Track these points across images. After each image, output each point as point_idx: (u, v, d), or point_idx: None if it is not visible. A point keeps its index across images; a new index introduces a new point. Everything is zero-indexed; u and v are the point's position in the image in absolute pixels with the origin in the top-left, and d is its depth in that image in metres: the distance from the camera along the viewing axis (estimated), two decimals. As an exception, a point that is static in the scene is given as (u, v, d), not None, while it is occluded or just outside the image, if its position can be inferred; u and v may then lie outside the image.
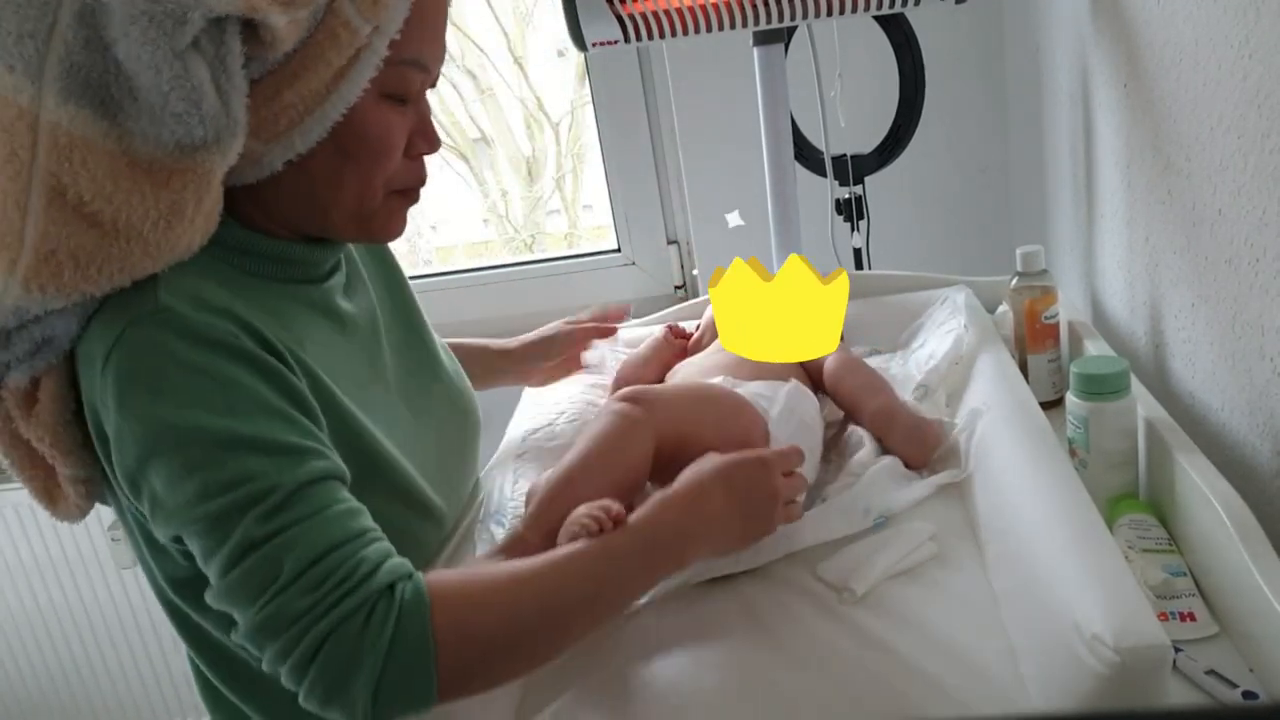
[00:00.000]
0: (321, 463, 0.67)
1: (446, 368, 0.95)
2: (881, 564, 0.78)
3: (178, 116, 0.63)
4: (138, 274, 0.67)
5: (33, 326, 0.67)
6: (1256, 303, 0.79)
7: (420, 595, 0.64)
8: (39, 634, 2.10)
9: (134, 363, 0.65)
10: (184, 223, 0.66)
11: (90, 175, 0.63)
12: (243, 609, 0.64)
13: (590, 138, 1.97)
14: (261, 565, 0.63)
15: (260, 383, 0.67)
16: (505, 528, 0.89)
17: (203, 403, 0.64)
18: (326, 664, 0.62)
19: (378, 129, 0.71)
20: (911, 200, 1.68)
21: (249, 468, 0.64)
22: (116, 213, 0.64)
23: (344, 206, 0.74)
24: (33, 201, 0.64)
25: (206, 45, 0.62)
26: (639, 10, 1.15)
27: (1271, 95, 0.73)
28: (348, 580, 0.63)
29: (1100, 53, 1.13)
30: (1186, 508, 0.79)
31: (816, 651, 0.71)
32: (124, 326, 0.65)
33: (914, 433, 0.93)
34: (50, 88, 0.62)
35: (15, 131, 0.63)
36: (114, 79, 0.63)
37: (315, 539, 0.64)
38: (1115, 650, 0.57)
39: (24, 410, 0.71)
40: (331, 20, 0.65)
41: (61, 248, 0.64)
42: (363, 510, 0.68)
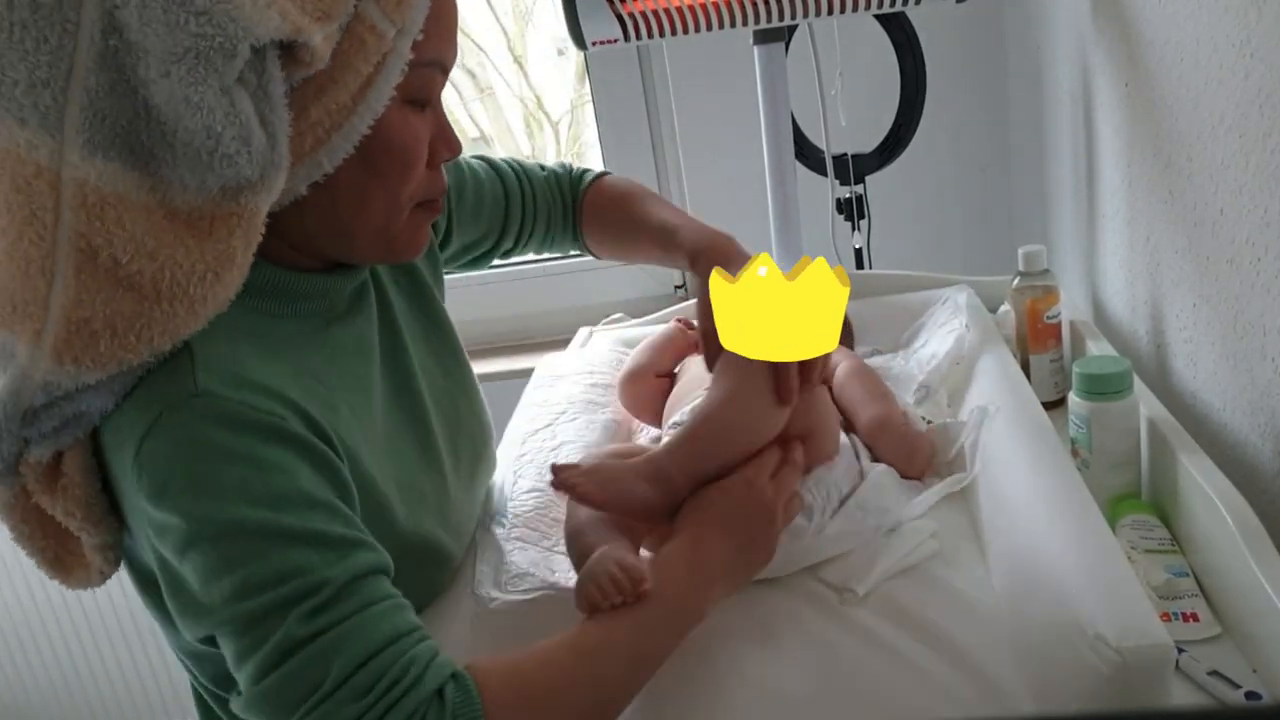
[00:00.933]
0: (369, 555, 0.63)
1: (470, 387, 0.92)
2: (883, 564, 0.78)
3: (229, 158, 0.57)
4: (180, 335, 0.61)
5: (63, 403, 0.61)
6: (1258, 302, 0.79)
7: (471, 697, 0.59)
8: (39, 634, 2.10)
9: (171, 452, 0.60)
10: (233, 272, 0.61)
11: (127, 234, 0.58)
12: (280, 718, 0.58)
13: (590, 137, 1.97)
14: (306, 667, 0.58)
15: (305, 468, 0.62)
16: (503, 526, 0.89)
17: (244, 493, 0.59)
18: None
19: (404, 137, 0.67)
20: (912, 200, 1.67)
21: (293, 562, 0.59)
22: (159, 271, 0.58)
23: (370, 225, 0.70)
24: (60, 266, 0.58)
25: (249, 76, 0.57)
26: (639, 9, 1.15)
27: (1273, 95, 0.73)
28: (397, 685, 0.58)
29: (1101, 52, 1.12)
30: (1189, 508, 0.79)
31: (817, 651, 0.71)
32: (159, 412, 0.60)
33: (903, 445, 0.92)
34: (73, 140, 0.56)
35: (34, 191, 0.57)
36: (145, 125, 0.57)
37: (363, 639, 0.59)
38: (1117, 650, 0.57)
39: (46, 485, 0.66)
40: (358, 27, 0.61)
41: (96, 315, 0.58)
42: (408, 605, 0.64)
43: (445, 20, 0.68)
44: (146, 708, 2.14)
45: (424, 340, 0.87)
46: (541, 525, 0.90)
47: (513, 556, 0.84)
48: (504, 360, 1.84)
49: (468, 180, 0.96)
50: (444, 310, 0.91)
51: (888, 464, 0.91)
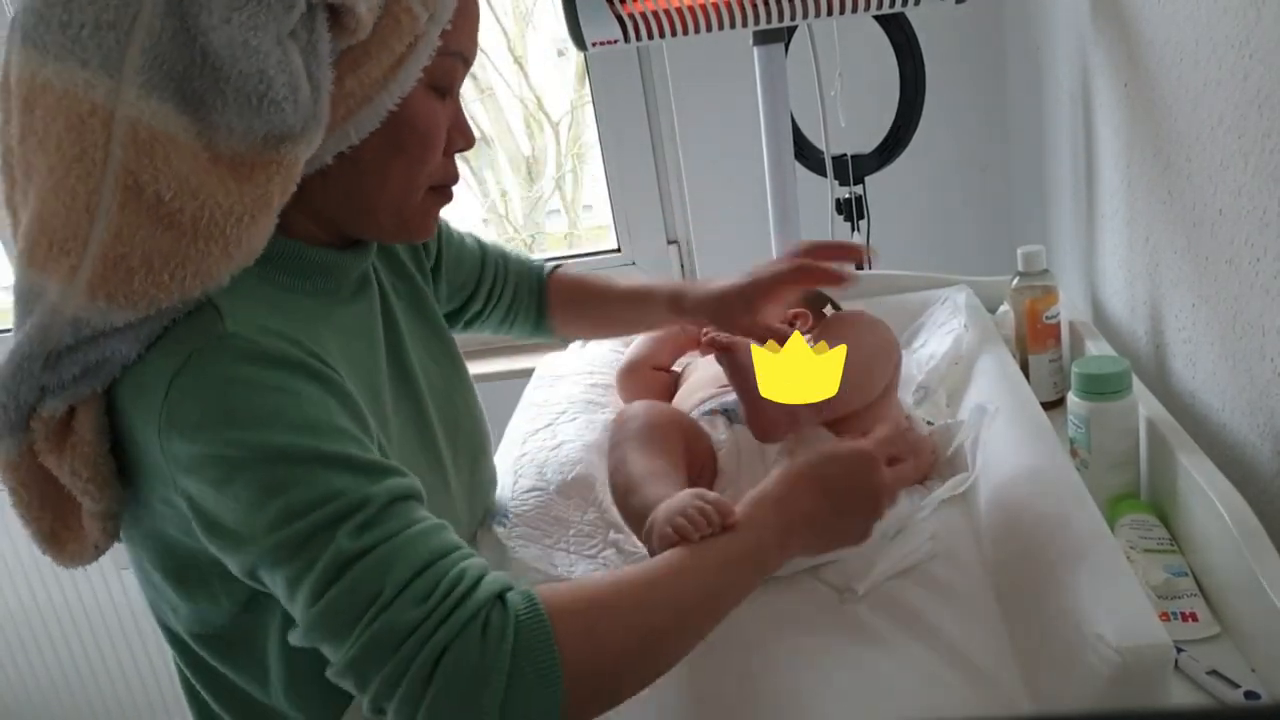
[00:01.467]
0: (404, 479, 0.64)
1: (467, 391, 0.93)
2: (882, 564, 0.78)
3: (276, 104, 0.60)
4: (209, 279, 0.63)
5: (88, 347, 0.62)
6: (1257, 303, 0.79)
7: (534, 602, 0.60)
8: (39, 634, 2.10)
9: (205, 387, 0.61)
10: (269, 217, 0.63)
11: (172, 171, 0.60)
12: (340, 636, 0.59)
13: (590, 138, 1.97)
14: (362, 580, 0.59)
15: (333, 401, 0.64)
16: (504, 526, 0.89)
17: (280, 420, 0.61)
18: (448, 682, 0.57)
19: (426, 120, 0.70)
20: (912, 200, 1.68)
21: (335, 485, 0.60)
22: (200, 210, 0.61)
23: (389, 201, 0.72)
24: (104, 202, 0.60)
25: (301, 32, 0.61)
26: (639, 10, 1.15)
27: (1272, 95, 0.73)
28: (456, 589, 0.59)
29: (1100, 52, 1.13)
30: (1188, 508, 0.79)
31: (817, 651, 0.71)
32: (189, 353, 0.62)
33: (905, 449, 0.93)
34: (132, 80, 0.59)
35: (87, 129, 0.59)
36: (199, 71, 0.60)
37: (415, 552, 0.60)
38: (1117, 650, 0.57)
39: (55, 443, 0.66)
40: (395, 7, 0.64)
41: (134, 251, 0.60)
42: (448, 526, 0.65)
43: (471, 16, 0.72)
44: (147, 708, 2.15)
45: (423, 342, 0.88)
46: (542, 524, 0.90)
47: (515, 554, 0.84)
48: (504, 360, 1.84)
49: (452, 233, 1.01)
50: (440, 317, 0.93)
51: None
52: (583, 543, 0.89)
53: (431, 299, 0.92)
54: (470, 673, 0.57)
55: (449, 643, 0.58)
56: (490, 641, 0.58)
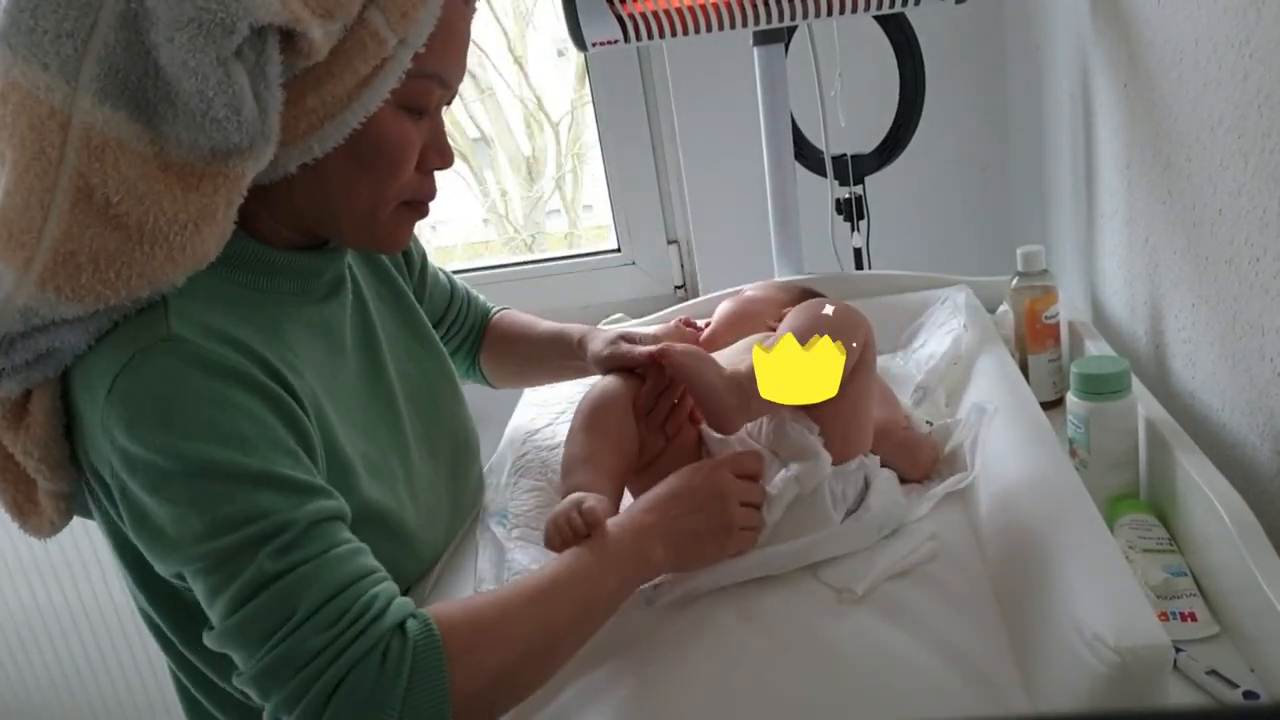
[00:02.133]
0: (329, 502, 0.67)
1: (453, 395, 0.95)
2: (881, 564, 0.78)
3: (218, 122, 0.62)
4: (156, 282, 0.65)
5: (39, 335, 0.65)
6: (1257, 303, 0.79)
7: (431, 630, 0.64)
8: (39, 634, 2.10)
9: (144, 390, 0.63)
10: (213, 226, 0.66)
11: (121, 176, 0.63)
12: (250, 649, 0.62)
13: (590, 138, 1.97)
14: (276, 601, 0.62)
15: (270, 415, 0.67)
16: (504, 526, 0.89)
17: (213, 434, 0.63)
18: (344, 706, 0.60)
19: (394, 139, 0.71)
20: (911, 200, 1.67)
21: (262, 504, 0.63)
22: (145, 215, 0.63)
23: (355, 213, 0.74)
24: (57, 201, 0.62)
25: (248, 54, 0.62)
26: (639, 10, 1.15)
27: (1272, 95, 0.73)
28: (362, 618, 0.63)
29: (1100, 52, 1.13)
30: (1187, 508, 0.79)
31: (816, 651, 0.71)
32: (133, 352, 0.64)
33: (905, 449, 0.92)
34: (87, 88, 0.61)
35: (46, 130, 0.62)
36: (153, 83, 0.62)
37: (331, 576, 0.63)
38: (1115, 650, 0.57)
39: (11, 422, 0.70)
40: (361, 30, 0.66)
41: (83, 249, 0.63)
42: (367, 550, 0.68)
43: (454, 41, 0.73)
44: (147, 707, 2.15)
45: (404, 346, 0.90)
46: (542, 523, 0.90)
47: (514, 555, 0.84)
48: (504, 360, 1.84)
49: (429, 264, 1.06)
50: (428, 324, 0.96)
51: (890, 467, 0.91)
52: (583, 542, 0.89)
53: (417, 307, 0.95)
54: (367, 698, 0.61)
55: (350, 669, 0.61)
56: (389, 670, 0.61)
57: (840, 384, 0.82)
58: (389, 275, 0.93)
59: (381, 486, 0.79)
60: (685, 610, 0.78)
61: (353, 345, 0.83)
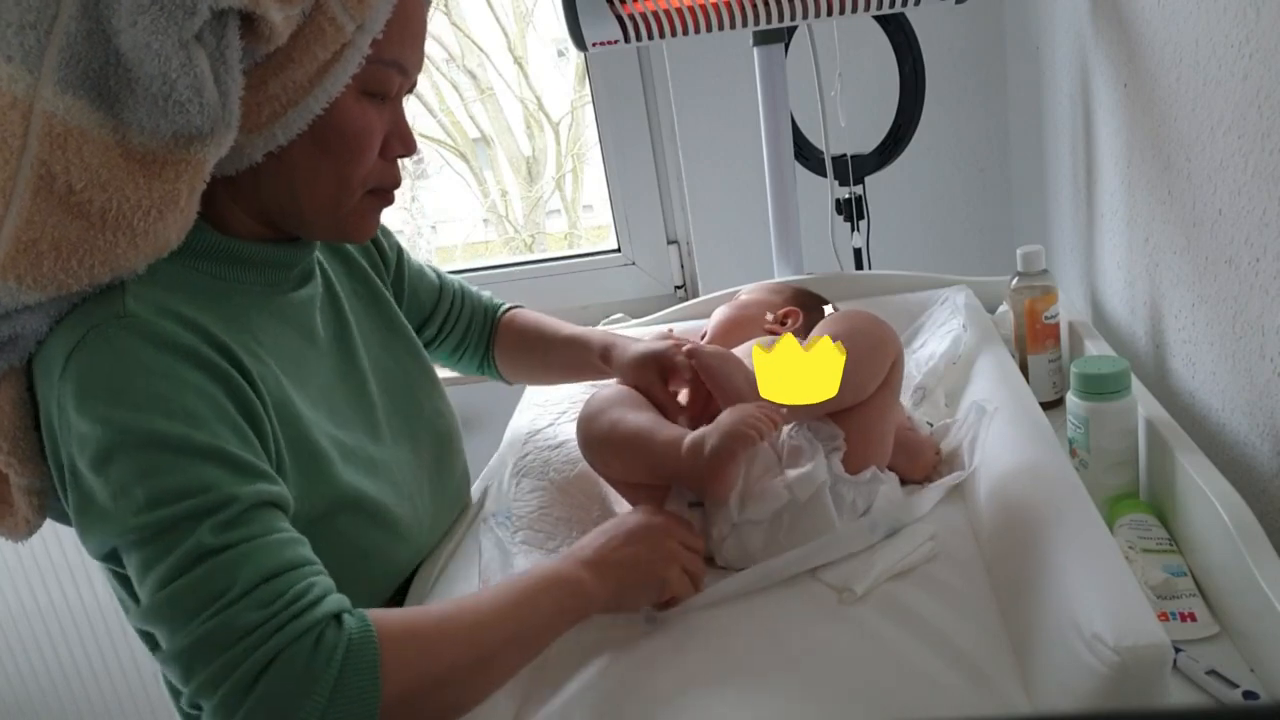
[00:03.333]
0: (273, 487, 0.66)
1: (432, 389, 0.95)
2: (881, 564, 0.78)
3: (180, 105, 0.63)
4: (118, 268, 0.66)
5: (1, 324, 0.66)
6: (1257, 303, 0.79)
7: (368, 627, 0.63)
8: (39, 634, 2.10)
9: (95, 365, 0.64)
10: (176, 213, 0.66)
11: (83, 164, 0.63)
12: (178, 624, 0.60)
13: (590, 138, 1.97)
14: (211, 576, 0.61)
15: (220, 394, 0.67)
16: (507, 528, 0.89)
17: (161, 407, 0.63)
18: (271, 690, 0.59)
19: (356, 125, 0.72)
20: (911, 200, 1.68)
21: (205, 477, 0.63)
22: (108, 202, 0.64)
23: (320, 201, 0.75)
24: (18, 190, 0.63)
25: (209, 37, 0.63)
26: (639, 10, 1.15)
27: (1271, 95, 0.73)
28: (298, 601, 0.61)
29: (1100, 53, 1.13)
30: (1187, 508, 0.79)
31: (816, 651, 0.71)
32: (86, 330, 0.65)
33: (906, 449, 0.93)
34: (49, 78, 0.62)
35: (7, 120, 0.62)
36: (114, 70, 0.63)
37: (268, 557, 0.62)
38: (1115, 650, 0.57)
39: None
40: (319, 16, 0.67)
41: (44, 237, 0.64)
42: (306, 542, 0.67)
43: (410, 29, 0.74)
44: (147, 707, 2.15)
45: (378, 340, 0.91)
46: (545, 525, 0.90)
47: (517, 560, 0.84)
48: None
49: (410, 259, 1.05)
50: (403, 320, 0.96)
51: (892, 466, 0.91)
52: (584, 543, 0.89)
53: (392, 304, 0.95)
54: (295, 683, 0.59)
55: (280, 651, 0.59)
56: (320, 656, 0.60)
57: (868, 396, 0.83)
58: (364, 274, 0.94)
59: (358, 472, 0.78)
60: (683, 610, 0.78)
61: (325, 337, 0.83)
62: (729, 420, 0.79)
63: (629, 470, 0.87)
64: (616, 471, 0.89)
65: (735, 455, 0.77)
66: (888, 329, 0.86)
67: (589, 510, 0.94)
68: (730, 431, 0.78)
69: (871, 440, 0.86)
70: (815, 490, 0.80)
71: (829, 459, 0.83)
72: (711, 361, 0.88)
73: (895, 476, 0.89)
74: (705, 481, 0.79)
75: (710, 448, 0.78)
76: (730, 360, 0.88)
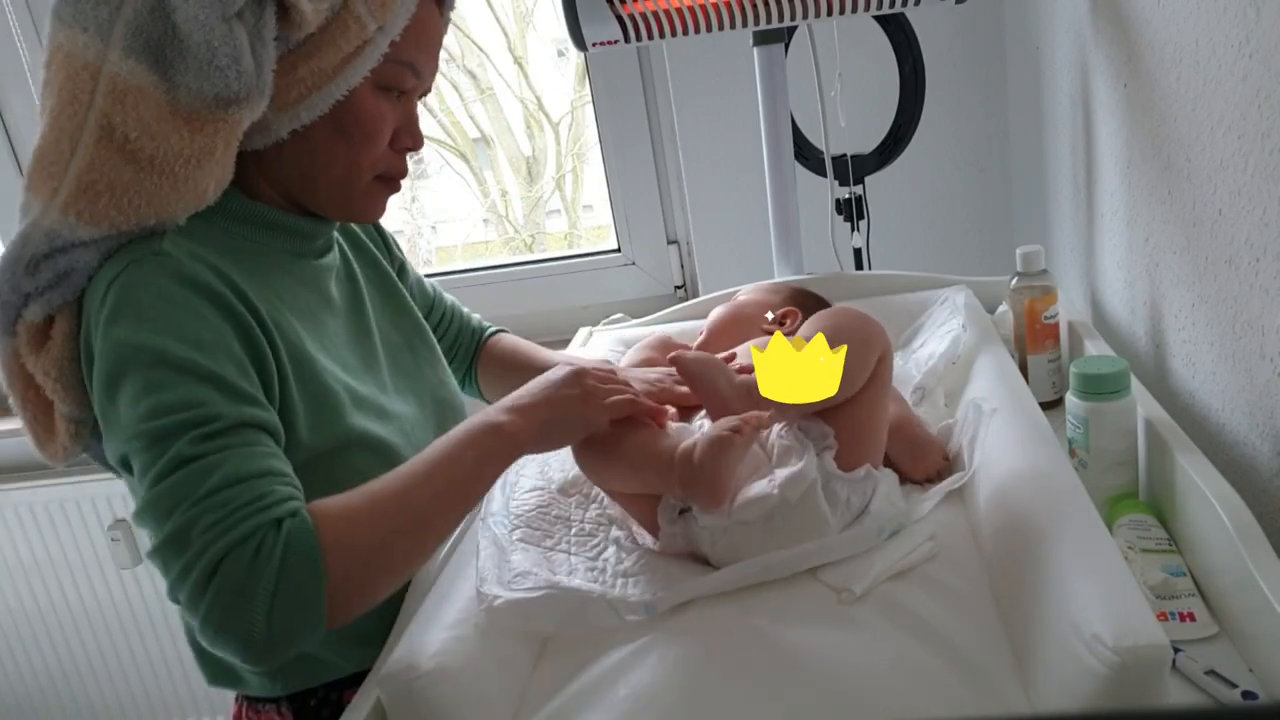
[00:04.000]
0: (260, 412, 0.74)
1: (436, 362, 1.03)
2: (880, 564, 0.78)
3: (220, 71, 0.74)
4: (162, 212, 0.77)
5: (59, 257, 0.76)
6: (1257, 303, 0.79)
7: (305, 520, 0.70)
8: (39, 634, 2.10)
9: (126, 292, 0.74)
10: (211, 164, 0.77)
11: (139, 118, 0.74)
12: (158, 523, 0.69)
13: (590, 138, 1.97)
14: (187, 480, 0.69)
15: (229, 330, 0.75)
16: (505, 527, 0.89)
17: (173, 331, 0.72)
18: (222, 586, 0.67)
19: (370, 113, 0.82)
20: (911, 200, 1.68)
21: (198, 395, 0.71)
22: (156, 150, 0.75)
23: (333, 179, 0.85)
24: (84, 138, 0.74)
25: (248, 16, 0.74)
26: (639, 10, 1.15)
27: (1271, 95, 0.73)
28: (249, 505, 0.69)
29: (1100, 53, 1.13)
30: (1186, 508, 0.79)
31: (815, 651, 0.71)
32: (128, 263, 0.75)
33: (913, 447, 0.93)
34: (116, 45, 0.74)
35: (79, 80, 0.74)
36: (169, 40, 0.74)
37: (236, 467, 0.70)
38: (1114, 650, 0.57)
39: (34, 346, 0.80)
40: (345, 14, 0.78)
41: (102, 179, 0.75)
42: (282, 458, 0.74)
43: (425, 37, 0.85)
44: (147, 707, 2.15)
45: (387, 314, 0.99)
46: (543, 524, 0.90)
47: (514, 557, 0.84)
48: (504, 360, 1.84)
49: (411, 269, 1.13)
50: (410, 302, 1.04)
51: (894, 464, 0.91)
52: (584, 542, 0.89)
53: (400, 287, 1.04)
54: (240, 581, 0.67)
55: (228, 552, 0.67)
56: (263, 554, 0.67)
57: (856, 392, 0.83)
58: (375, 259, 1.02)
59: (367, 417, 0.86)
60: (684, 610, 0.78)
61: (340, 303, 0.92)
62: (712, 428, 0.79)
63: (623, 481, 0.87)
64: (610, 482, 0.89)
65: (720, 461, 0.77)
66: (873, 324, 0.86)
67: (586, 510, 0.94)
68: (711, 438, 0.78)
69: (863, 436, 0.86)
70: (806, 489, 0.79)
71: (820, 457, 0.82)
72: (693, 367, 0.88)
73: (893, 474, 0.89)
74: (697, 491, 0.79)
75: (697, 457, 0.78)
76: (712, 365, 0.88)
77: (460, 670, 0.70)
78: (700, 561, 0.84)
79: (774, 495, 0.79)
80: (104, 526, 1.97)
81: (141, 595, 2.04)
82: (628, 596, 0.79)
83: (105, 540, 1.99)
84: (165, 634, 2.07)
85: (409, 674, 0.69)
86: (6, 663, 2.14)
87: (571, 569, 0.84)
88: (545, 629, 0.79)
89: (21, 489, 1.93)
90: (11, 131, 1.82)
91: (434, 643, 0.71)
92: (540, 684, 0.75)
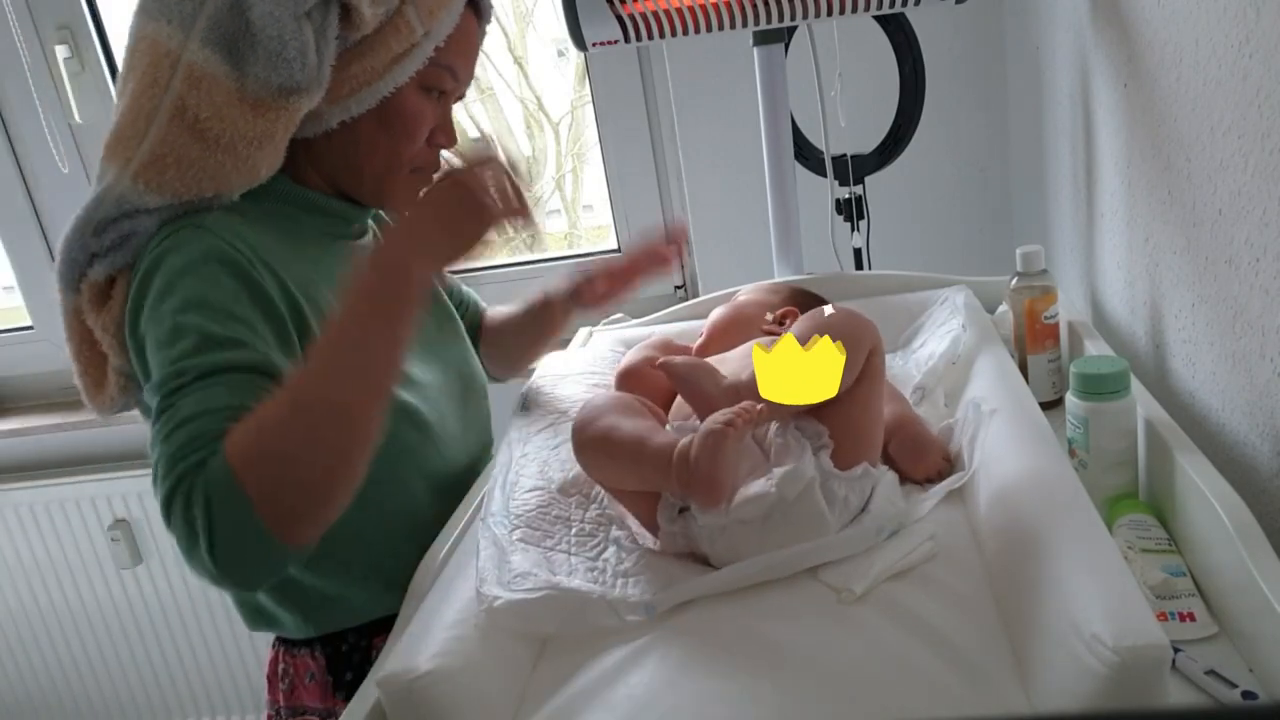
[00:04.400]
0: (236, 354, 0.77)
1: (459, 341, 1.11)
2: (880, 564, 0.78)
3: (288, 62, 0.82)
4: (220, 186, 0.85)
5: (124, 221, 0.84)
6: (1257, 303, 0.79)
7: (220, 453, 0.72)
8: (39, 634, 2.10)
9: (167, 255, 0.82)
10: (270, 146, 0.85)
11: (210, 101, 0.83)
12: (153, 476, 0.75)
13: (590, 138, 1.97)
14: (158, 430, 0.75)
15: (239, 289, 0.81)
16: (505, 527, 0.89)
17: (193, 298, 0.79)
18: (178, 535, 0.72)
19: (413, 110, 0.92)
20: (911, 200, 1.68)
21: (183, 349, 0.77)
22: (223, 131, 0.84)
23: (374, 169, 0.94)
24: (159, 117, 0.83)
25: (316, 16, 0.83)
26: (639, 10, 1.15)
27: (1271, 95, 0.73)
28: (182, 450, 0.73)
29: (1100, 53, 1.13)
30: (1186, 508, 0.79)
31: (815, 651, 0.71)
32: (171, 232, 0.84)
33: (915, 446, 0.92)
34: (196, 37, 0.83)
35: (161, 66, 0.83)
36: (243, 34, 0.83)
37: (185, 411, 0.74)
38: (1114, 650, 0.57)
39: (96, 304, 0.87)
40: (398, 19, 0.87)
41: (171, 153, 0.83)
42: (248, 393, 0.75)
43: (466, 45, 0.94)
44: (148, 707, 2.15)
45: None
46: (543, 524, 0.90)
47: (514, 557, 0.84)
48: (504, 360, 1.84)
49: None
50: (439, 288, 1.13)
51: (894, 463, 0.91)
52: (584, 542, 0.89)
53: None
54: (183, 529, 0.72)
55: (170, 498, 0.72)
56: (192, 502, 0.71)
57: (848, 389, 0.82)
58: None
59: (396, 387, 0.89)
60: (684, 610, 0.78)
61: None
62: (705, 422, 0.79)
63: (622, 478, 0.87)
64: (609, 479, 0.89)
65: (716, 455, 0.77)
66: (862, 321, 0.86)
67: (586, 510, 0.94)
68: (704, 432, 0.78)
69: (858, 434, 0.85)
70: (803, 487, 0.79)
71: (817, 456, 0.82)
72: (681, 370, 0.88)
73: (892, 474, 0.89)
74: (695, 489, 0.79)
75: (693, 453, 0.78)
76: (700, 368, 0.88)
77: (460, 670, 0.70)
78: (700, 561, 0.84)
79: (772, 493, 0.79)
80: (104, 526, 1.97)
81: (141, 595, 2.04)
82: (628, 597, 0.79)
83: (105, 540, 1.99)
84: (165, 634, 2.07)
85: (409, 674, 0.69)
86: (6, 663, 2.14)
87: (571, 569, 0.84)
88: (545, 630, 0.79)
89: (21, 489, 1.93)
90: (12, 131, 1.82)
91: (434, 643, 0.71)
92: (540, 684, 0.75)
